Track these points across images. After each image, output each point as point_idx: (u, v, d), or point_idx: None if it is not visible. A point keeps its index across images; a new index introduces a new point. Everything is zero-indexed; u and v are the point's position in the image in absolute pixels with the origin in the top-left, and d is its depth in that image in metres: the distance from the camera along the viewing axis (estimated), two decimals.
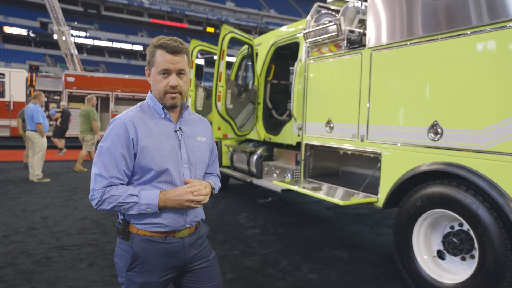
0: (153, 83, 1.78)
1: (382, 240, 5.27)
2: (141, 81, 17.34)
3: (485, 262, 3.05)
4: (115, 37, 55.20)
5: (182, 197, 1.70)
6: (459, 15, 3.30)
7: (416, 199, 3.60)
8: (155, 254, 1.76)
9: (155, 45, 1.75)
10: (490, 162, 3.05)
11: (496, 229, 2.98)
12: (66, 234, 4.99)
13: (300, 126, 5.46)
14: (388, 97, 3.99)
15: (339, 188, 4.72)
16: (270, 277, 3.90)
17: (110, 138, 1.71)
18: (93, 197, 1.69)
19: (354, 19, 4.72)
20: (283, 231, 5.47)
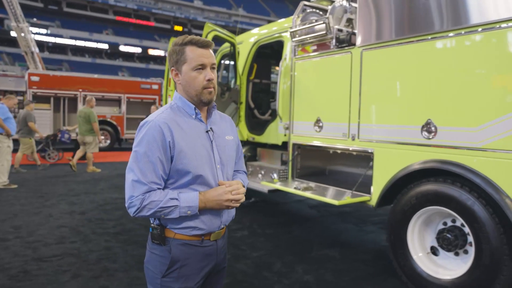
0: (186, 81, 1.74)
1: (370, 238, 5.32)
2: (111, 81, 16.80)
3: (482, 256, 3.11)
4: (78, 35, 53.34)
5: (222, 197, 1.69)
6: (451, 15, 3.35)
7: (411, 197, 3.64)
8: (193, 258, 1.74)
9: (182, 43, 1.72)
10: (485, 159, 3.11)
11: (492, 224, 3.04)
12: (43, 245, 4.70)
13: (287, 125, 5.43)
14: (380, 96, 4.01)
15: (330, 187, 4.73)
16: (266, 280, 3.85)
17: (145, 142, 1.65)
18: (131, 205, 1.63)
19: (342, 18, 4.73)
20: (271, 231, 5.43)
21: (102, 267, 4.04)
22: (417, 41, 3.62)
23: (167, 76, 6.96)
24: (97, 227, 5.47)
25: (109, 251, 4.50)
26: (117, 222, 5.70)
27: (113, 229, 5.39)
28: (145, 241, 4.68)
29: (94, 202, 6.97)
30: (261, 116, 7.09)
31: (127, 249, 4.57)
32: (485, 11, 3.13)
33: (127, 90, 16.15)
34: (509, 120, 2.94)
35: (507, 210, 2.93)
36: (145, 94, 16.53)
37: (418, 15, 3.62)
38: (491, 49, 3.09)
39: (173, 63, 1.76)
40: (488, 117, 3.08)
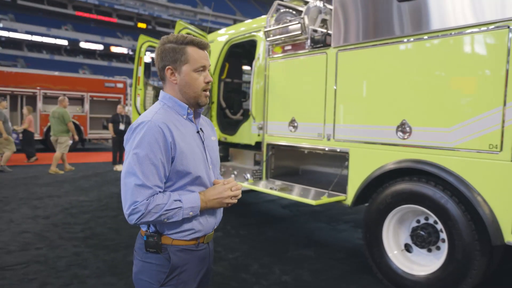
0: (186, 82, 1.71)
1: (343, 236, 5.40)
2: (73, 79, 16.23)
3: (454, 252, 3.22)
4: (35, 30, 50.93)
5: (223, 194, 1.70)
6: (425, 18, 3.44)
7: (386, 196, 3.71)
8: (191, 263, 1.72)
9: (183, 42, 1.69)
10: (458, 159, 3.22)
11: (464, 221, 3.16)
12: (5, 252, 4.44)
13: (261, 125, 5.42)
14: (355, 97, 4.07)
15: (305, 187, 4.76)
16: (244, 282, 3.83)
17: (146, 144, 1.58)
18: (135, 211, 1.55)
19: (316, 18, 4.77)
20: (245, 232, 5.41)
21: (72, 274, 3.88)
22: (392, 43, 3.70)
23: (136, 75, 6.82)
24: (64, 231, 5.24)
25: (78, 257, 4.33)
26: (85, 226, 5.49)
27: (81, 233, 5.19)
28: (117, 245, 4.67)
29: (59, 205, 6.68)
30: (232, 116, 7.05)
31: (98, 254, 4.41)
32: (455, 15, 3.23)
33: (90, 89, 15.65)
34: (481, 121, 3.06)
35: (479, 207, 3.05)
36: (110, 93, 16.08)
37: (392, 18, 3.70)
38: (462, 53, 3.20)
39: (169, 62, 1.70)
40: (461, 118, 3.18)
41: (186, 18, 61.31)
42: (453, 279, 3.22)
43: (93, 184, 8.78)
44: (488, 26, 3.01)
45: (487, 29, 3.02)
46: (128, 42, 59.48)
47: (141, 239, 1.70)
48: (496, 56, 2.97)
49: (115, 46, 57.61)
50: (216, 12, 62.37)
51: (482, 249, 3.09)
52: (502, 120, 2.92)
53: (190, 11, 63.99)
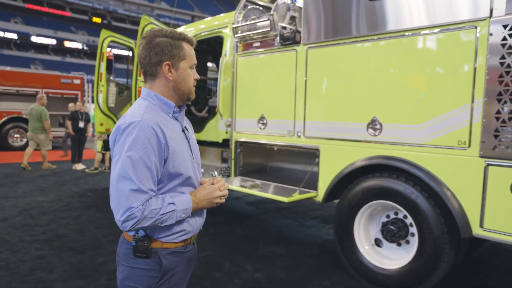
0: (182, 78, 1.67)
1: (312, 232, 5.45)
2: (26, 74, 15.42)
3: (424, 246, 3.32)
4: None
5: (212, 194, 1.68)
6: (394, 17, 3.51)
7: (357, 192, 3.77)
8: (181, 266, 1.68)
9: (180, 37, 1.65)
10: (427, 155, 3.31)
11: (434, 215, 3.26)
12: None
13: (229, 123, 5.37)
14: (325, 94, 4.10)
15: (276, 184, 4.76)
16: (217, 281, 3.78)
17: (139, 146, 1.50)
18: (131, 217, 1.47)
19: (285, 15, 4.77)
20: (214, 230, 5.35)
21: (37, 279, 3.68)
22: (362, 41, 3.75)
23: (98, 71, 6.59)
24: (25, 234, 4.98)
25: (42, 260, 4.12)
26: (46, 228, 5.24)
27: (43, 235, 4.94)
28: (82, 247, 4.50)
29: (17, 207, 6.35)
30: (198, 113, 6.95)
31: (63, 257, 4.22)
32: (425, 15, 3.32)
33: (45, 85, 14.93)
34: (450, 118, 3.16)
35: (448, 201, 3.15)
36: (66, 89, 15.40)
37: (361, 16, 3.75)
38: (431, 51, 3.29)
39: (167, 57, 1.62)
40: (430, 115, 3.28)
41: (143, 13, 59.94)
42: (423, 272, 3.31)
43: (51, 184, 8.40)
44: (456, 26, 3.11)
45: (456, 28, 3.11)
46: (83, 37, 57.55)
47: (127, 244, 1.63)
48: (464, 55, 3.07)
49: (69, 40, 55.53)
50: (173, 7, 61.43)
51: (451, 242, 3.20)
52: (470, 117, 3.03)
53: (147, 6, 62.74)
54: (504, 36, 2.86)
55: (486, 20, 2.95)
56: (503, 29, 2.86)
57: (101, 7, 59.46)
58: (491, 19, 2.93)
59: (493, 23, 2.91)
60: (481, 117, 2.97)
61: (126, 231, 1.53)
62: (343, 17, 3.92)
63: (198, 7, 63.75)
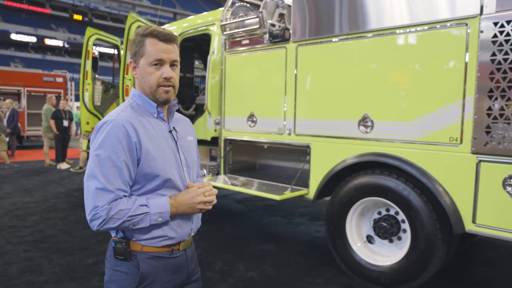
0: (142, 76, 1.58)
1: (301, 230, 5.45)
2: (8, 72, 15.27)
3: (417, 242, 3.34)
4: None
5: (195, 199, 1.57)
6: (385, 13, 3.52)
7: (349, 189, 3.78)
8: (163, 272, 1.58)
9: (143, 34, 1.56)
10: (419, 152, 3.33)
11: (426, 212, 3.28)
12: None
13: (218, 121, 5.33)
14: (316, 91, 4.10)
15: (266, 182, 4.74)
16: (210, 280, 3.75)
17: (108, 144, 1.46)
18: (96, 217, 1.43)
19: (274, 13, 4.74)
20: (203, 229, 5.30)
21: (26, 281, 3.61)
22: (352, 38, 3.75)
23: (84, 69, 6.48)
24: (11, 235, 4.87)
25: (31, 262, 4.04)
26: (34, 229, 5.14)
27: (31, 236, 4.85)
28: (71, 248, 4.42)
29: (2, 207, 6.22)
30: (185, 110, 6.89)
31: (52, 259, 4.14)
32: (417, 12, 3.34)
33: (27, 83, 14.67)
34: (441, 114, 3.18)
35: (440, 198, 3.18)
36: (48, 88, 15.14)
37: (350, 13, 3.75)
38: (423, 48, 3.30)
39: (131, 55, 1.60)
40: (422, 112, 3.29)
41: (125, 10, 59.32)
42: (416, 268, 3.34)
43: (36, 183, 8.24)
44: (448, 23, 3.13)
45: (447, 26, 3.13)
46: (64, 34, 56.52)
47: (111, 246, 1.58)
48: (455, 52, 3.09)
49: (49, 38, 54.46)
50: (155, 4, 60.85)
51: (443, 237, 3.23)
52: (462, 114, 3.06)
53: (129, 3, 61.94)
54: (494, 33, 2.88)
55: (476, 18, 2.97)
56: (494, 26, 2.89)
57: (82, 4, 58.44)
58: (482, 16, 2.95)
59: (484, 20, 2.93)
60: (473, 113, 3.00)
61: (95, 230, 1.47)
62: (331, 14, 3.91)
63: (180, 4, 63.20)
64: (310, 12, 4.09)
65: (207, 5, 56.95)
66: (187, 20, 6.36)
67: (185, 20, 6.46)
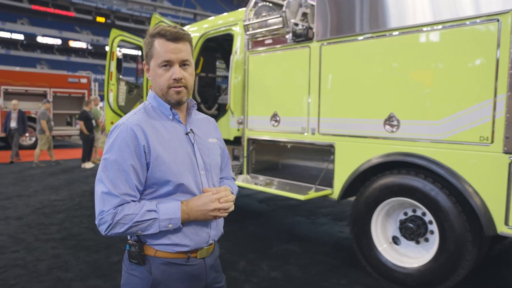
0: (153, 78, 1.55)
1: (325, 230, 5.41)
2: (35, 74, 15.57)
3: (446, 243, 3.26)
4: None
5: (208, 206, 1.48)
6: (413, 9, 3.45)
7: (375, 189, 3.72)
8: (177, 279, 1.52)
9: (152, 34, 1.52)
10: (447, 151, 3.25)
11: (455, 213, 3.20)
12: None
13: (241, 120, 5.33)
14: (340, 90, 4.05)
15: (290, 182, 4.72)
16: (234, 280, 3.75)
17: (116, 148, 1.44)
18: (102, 221, 1.41)
19: (297, 12, 4.71)
20: (226, 229, 5.21)
21: (55, 278, 3.69)
22: (377, 36, 3.70)
23: (108, 70, 6.57)
24: (40, 233, 4.99)
25: (59, 259, 4.13)
26: (60, 227, 5.25)
27: (58, 234, 4.95)
28: (96, 246, 4.49)
29: (30, 205, 6.38)
30: (207, 110, 6.92)
31: (79, 256, 4.22)
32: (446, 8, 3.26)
33: (53, 84, 15.02)
34: (471, 113, 3.09)
35: (471, 199, 3.09)
36: (73, 88, 15.49)
37: (376, 11, 3.70)
38: (452, 45, 3.22)
39: (144, 57, 1.57)
40: (451, 110, 3.21)
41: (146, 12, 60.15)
42: (445, 270, 3.26)
43: (62, 182, 8.43)
44: (477, 19, 3.05)
45: (476, 22, 3.05)
46: (87, 36, 57.73)
47: (127, 249, 1.55)
48: (485, 48, 3.01)
49: (73, 40, 55.73)
50: (175, 6, 61.43)
51: (474, 239, 3.15)
52: (493, 112, 2.97)
53: (150, 5, 62.78)
54: None
55: (509, 13, 2.88)
56: None
57: (105, 6, 59.55)
58: None
59: None
60: (505, 112, 2.91)
61: (103, 235, 1.44)
62: (357, 12, 3.86)
63: (201, 5, 63.62)
64: (334, 11, 4.05)
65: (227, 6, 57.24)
66: (207, 21, 6.39)
67: (205, 21, 6.49)
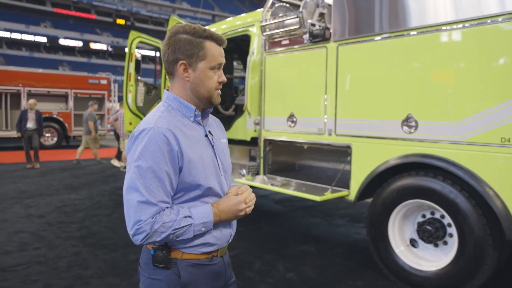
0: (200, 79, 1.52)
1: (341, 231, 5.37)
2: (56, 76, 15.96)
3: (465, 247, 3.19)
4: (14, 27, 50.04)
5: (238, 206, 1.52)
6: (433, 9, 3.40)
7: (392, 190, 3.67)
8: (203, 279, 1.54)
9: (202, 35, 1.49)
10: (467, 153, 3.19)
11: (475, 216, 3.13)
12: (4, 253, 4.32)
13: (258, 121, 5.34)
14: (357, 91, 4.02)
15: (306, 183, 4.70)
16: (249, 280, 3.76)
17: (149, 154, 1.40)
18: (139, 231, 1.37)
19: (314, 12, 4.69)
20: (242, 229, 5.32)
21: (74, 275, 3.77)
22: (396, 36, 3.65)
23: (127, 71, 6.66)
24: (60, 231, 5.11)
25: (78, 257, 4.22)
26: (80, 225, 5.36)
27: (78, 232, 5.06)
28: (115, 244, 4.56)
29: (51, 204, 6.53)
30: (224, 111, 6.96)
31: (98, 254, 4.30)
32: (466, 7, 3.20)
33: (74, 86, 15.36)
34: (492, 114, 3.03)
35: (491, 201, 3.03)
36: (93, 90, 15.80)
37: (395, 10, 3.65)
38: (473, 45, 3.17)
39: (184, 56, 1.49)
40: (471, 111, 3.15)
41: (165, 13, 60.76)
42: (464, 274, 3.19)
43: (82, 182, 8.60)
44: (499, 18, 2.98)
45: (498, 20, 2.99)
46: (107, 38, 58.66)
47: (147, 253, 1.53)
48: (508, 47, 2.94)
49: (94, 42, 56.72)
50: (194, 7, 61.90)
51: (494, 243, 3.08)
52: None
53: (169, 7, 63.39)
54: None
55: None
56: None
57: (125, 9, 60.42)
58: None
59: None
60: None
61: (137, 244, 1.41)
62: (375, 12, 3.83)
63: (219, 6, 63.95)
64: (351, 11, 4.02)
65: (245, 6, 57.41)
66: (225, 22, 6.42)
67: (223, 22, 6.52)
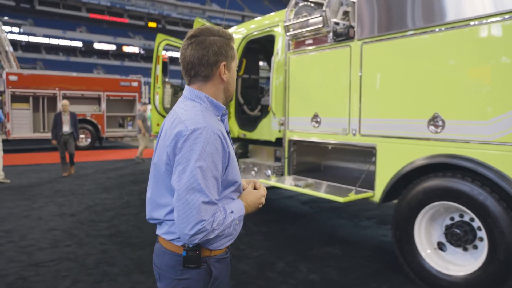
0: (232, 78, 1.62)
1: (367, 233, 5.27)
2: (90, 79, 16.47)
3: (496, 252, 3.06)
4: (52, 33, 52.21)
5: (260, 200, 1.63)
6: (457, 5, 3.29)
7: (418, 192, 3.57)
8: (224, 271, 1.61)
9: (230, 37, 1.57)
10: (498, 153, 3.06)
11: (506, 219, 3.00)
12: (37, 249, 4.50)
13: (282, 121, 5.32)
14: (382, 90, 3.94)
15: (330, 184, 4.64)
16: (271, 281, 3.74)
17: (208, 155, 1.41)
18: (201, 230, 1.39)
19: (338, 11, 4.63)
20: (267, 229, 5.32)
21: (102, 272, 3.88)
22: (421, 33, 3.56)
23: (154, 73, 6.78)
24: (90, 229, 5.27)
25: (106, 255, 4.34)
26: (109, 224, 5.51)
27: (106, 231, 5.20)
28: (141, 243, 4.65)
29: (83, 203, 6.75)
30: (250, 112, 6.97)
31: (125, 252, 4.41)
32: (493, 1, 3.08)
33: (106, 88, 15.81)
34: None
35: None
36: (125, 92, 16.21)
37: (419, 7, 3.56)
38: (503, 41, 3.04)
39: (224, 57, 1.53)
40: (502, 109, 3.02)
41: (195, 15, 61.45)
42: (495, 280, 3.06)
43: (113, 182, 8.83)
44: None
45: None
46: (139, 41, 60.02)
47: (172, 255, 1.53)
48: None
49: (127, 45, 58.24)
50: (224, 8, 62.38)
51: None
52: None
53: (199, 9, 64.20)
54: None
55: None
56: None
57: (156, 12, 61.66)
58: None
59: None
60: None
61: (193, 244, 1.44)
62: (399, 9, 3.73)
63: (248, 7, 64.17)
64: (375, 9, 3.94)
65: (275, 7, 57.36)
66: (254, 22, 6.41)
67: (252, 21, 6.52)
